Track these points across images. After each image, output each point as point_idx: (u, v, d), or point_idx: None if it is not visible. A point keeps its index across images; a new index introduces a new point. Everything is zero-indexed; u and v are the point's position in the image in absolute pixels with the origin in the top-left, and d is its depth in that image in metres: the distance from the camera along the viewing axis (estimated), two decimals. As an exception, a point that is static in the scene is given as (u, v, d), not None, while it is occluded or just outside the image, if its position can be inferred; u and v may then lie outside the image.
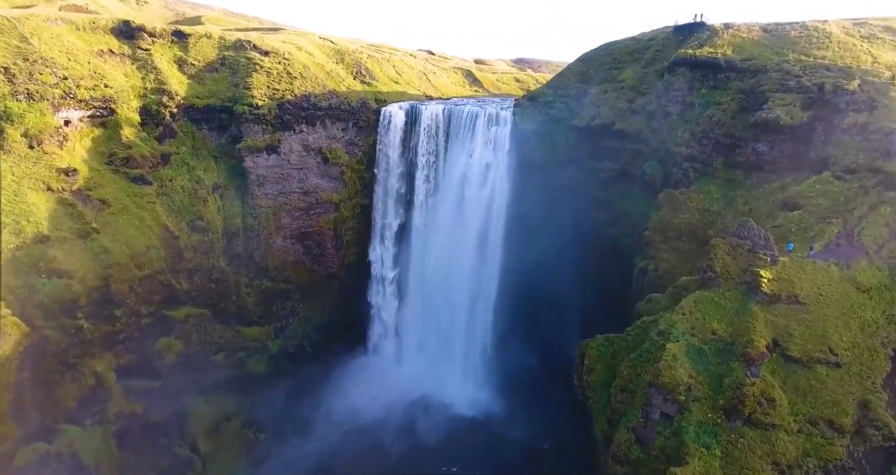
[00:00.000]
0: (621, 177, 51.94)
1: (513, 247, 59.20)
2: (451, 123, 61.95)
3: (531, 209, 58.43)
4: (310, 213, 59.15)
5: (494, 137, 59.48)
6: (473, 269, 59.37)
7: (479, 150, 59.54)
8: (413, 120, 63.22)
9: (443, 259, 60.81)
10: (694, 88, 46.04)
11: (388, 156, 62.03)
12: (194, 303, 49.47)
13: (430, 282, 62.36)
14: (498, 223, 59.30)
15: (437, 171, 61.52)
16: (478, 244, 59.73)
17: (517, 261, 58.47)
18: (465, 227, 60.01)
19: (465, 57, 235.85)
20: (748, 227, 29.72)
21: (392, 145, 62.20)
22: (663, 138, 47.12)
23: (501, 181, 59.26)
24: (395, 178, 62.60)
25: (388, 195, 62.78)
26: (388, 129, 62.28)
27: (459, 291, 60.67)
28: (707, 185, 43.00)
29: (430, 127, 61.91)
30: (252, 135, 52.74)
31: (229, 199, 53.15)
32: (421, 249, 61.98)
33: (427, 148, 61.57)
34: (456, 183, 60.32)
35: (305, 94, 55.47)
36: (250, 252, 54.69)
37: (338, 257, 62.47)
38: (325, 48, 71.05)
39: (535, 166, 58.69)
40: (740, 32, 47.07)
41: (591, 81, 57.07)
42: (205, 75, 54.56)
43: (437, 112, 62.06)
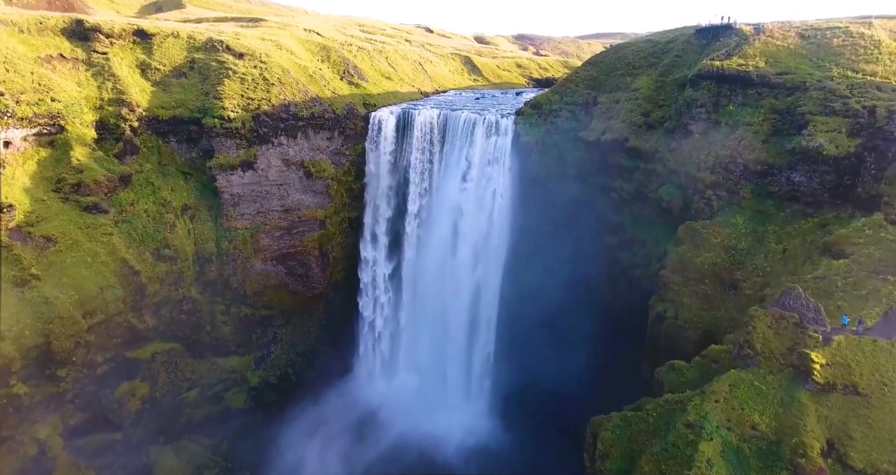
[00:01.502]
0: (635, 198, 46.92)
1: (514, 270, 54.53)
2: (448, 131, 56.44)
3: (534, 227, 53.57)
4: (292, 233, 54.15)
5: (494, 148, 54.16)
6: (472, 293, 54.76)
7: (478, 162, 54.29)
8: (405, 125, 57.77)
9: (439, 281, 56.23)
10: (720, 104, 40.73)
11: (377, 172, 56.74)
12: (162, 338, 44.91)
13: (425, 304, 57.89)
14: (499, 243, 54.46)
15: (432, 185, 56.25)
16: (477, 264, 55.06)
17: (519, 285, 53.85)
18: (463, 245, 55.27)
19: (466, 34, 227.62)
20: (793, 295, 24.97)
21: (381, 158, 56.82)
22: (683, 160, 41.99)
23: (502, 197, 54.18)
24: (384, 195, 57.46)
25: (378, 212, 57.75)
26: (377, 141, 56.86)
27: (458, 315, 56.24)
28: (733, 217, 38.08)
29: (424, 135, 56.47)
30: (224, 150, 47.37)
31: (201, 220, 48.06)
32: (414, 271, 57.28)
33: (420, 161, 56.27)
34: (452, 199, 55.23)
35: (284, 104, 49.85)
36: (226, 278, 49.91)
37: (324, 277, 57.73)
38: (309, 43, 65.05)
39: (538, 180, 53.62)
40: (774, 39, 41.51)
41: (601, 89, 51.55)
42: (171, 81, 48.84)
43: (432, 118, 56.52)
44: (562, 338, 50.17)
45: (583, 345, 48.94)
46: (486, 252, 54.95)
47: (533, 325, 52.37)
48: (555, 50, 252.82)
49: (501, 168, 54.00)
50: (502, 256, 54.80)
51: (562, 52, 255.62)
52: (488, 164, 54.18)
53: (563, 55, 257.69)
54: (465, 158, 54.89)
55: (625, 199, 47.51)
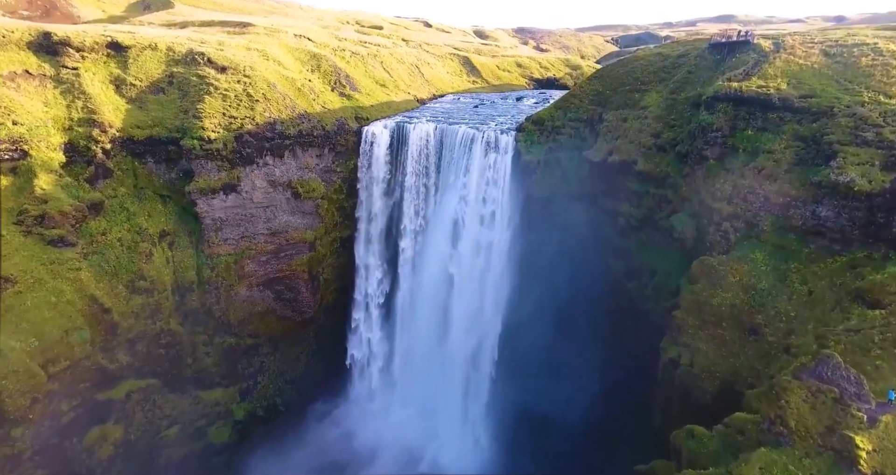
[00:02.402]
0: (643, 224, 43.99)
1: (515, 294, 51.67)
2: (444, 147, 53.41)
3: (535, 249, 50.67)
4: (279, 257, 51.14)
5: (493, 166, 51.18)
6: (471, 318, 51.86)
7: (476, 181, 51.29)
8: (399, 141, 54.68)
9: (436, 305, 53.34)
10: (737, 128, 37.73)
11: (370, 191, 53.70)
12: (138, 375, 41.96)
13: (421, 328, 55.04)
14: (498, 265, 51.58)
15: (428, 204, 53.32)
16: (475, 288, 52.14)
17: (520, 311, 51.03)
18: (461, 268, 52.36)
19: (465, 27, 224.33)
20: (832, 364, 22.15)
21: (374, 176, 53.74)
22: (697, 187, 39.03)
23: (502, 217, 51.25)
24: (378, 214, 54.43)
25: (372, 232, 54.74)
26: (369, 158, 53.76)
27: (456, 340, 53.37)
28: (752, 252, 35.17)
29: (420, 152, 53.43)
30: (205, 173, 44.21)
31: (180, 247, 45.00)
32: (409, 295, 54.37)
33: (415, 179, 53.22)
34: (449, 220, 52.27)
35: (269, 122, 46.66)
36: (208, 307, 46.89)
37: (314, 301, 54.77)
38: (298, 52, 61.74)
39: (540, 201, 50.65)
40: (796, 57, 38.45)
41: (607, 105, 48.46)
42: (148, 98, 45.60)
43: (428, 133, 53.41)
44: (565, 372, 47.40)
45: (588, 380, 46.18)
46: (485, 274, 52.16)
47: (534, 354, 49.58)
48: (555, 44, 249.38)
49: (501, 187, 51.03)
50: (503, 268, 51.91)
51: (562, 47, 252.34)
52: (487, 183, 51.21)
53: (563, 49, 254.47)
54: (463, 177, 51.96)
55: (632, 225, 44.57)
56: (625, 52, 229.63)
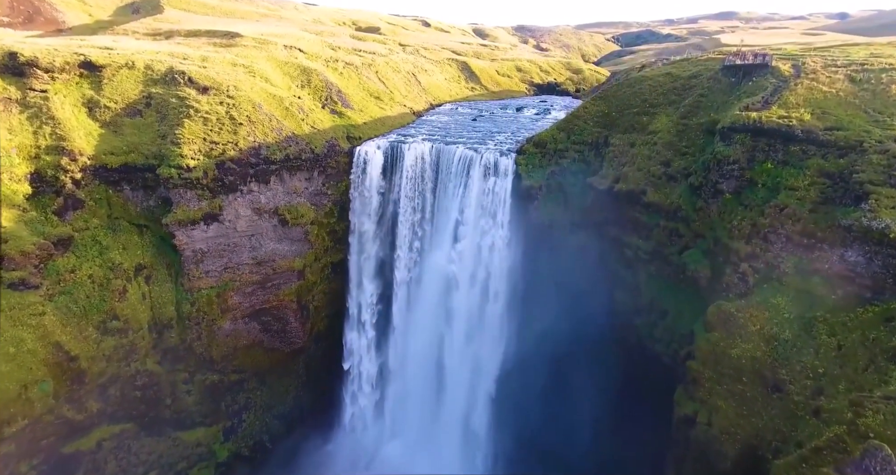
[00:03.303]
0: (653, 258, 41.23)
1: (515, 327, 48.94)
2: (441, 169, 50.65)
3: (537, 280, 48.00)
4: (266, 287, 48.24)
5: (492, 191, 48.42)
6: (468, 352, 49.10)
7: (474, 205, 48.57)
8: (393, 162, 51.86)
9: (433, 335, 50.55)
10: (755, 160, 35.01)
11: (363, 215, 50.88)
12: (111, 420, 39.12)
13: (417, 360, 52.20)
14: (497, 296, 48.82)
15: (424, 232, 50.55)
16: (473, 322, 49.39)
17: (520, 345, 48.32)
18: (457, 300, 49.61)
19: (464, 26, 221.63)
20: (881, 457, 19.47)
21: (367, 200, 50.91)
22: (712, 222, 36.33)
23: (501, 244, 48.46)
24: (371, 240, 51.60)
25: (364, 259, 51.95)
26: (361, 180, 50.90)
27: (453, 374, 50.61)
28: (774, 297, 32.46)
29: (414, 175, 50.62)
30: (184, 203, 41.28)
31: (158, 282, 42.11)
32: (405, 325, 51.50)
33: (410, 203, 50.41)
34: (446, 245, 49.58)
35: (254, 146, 43.74)
36: (189, 343, 44.01)
37: (304, 330, 51.92)
38: (288, 66, 58.78)
39: (542, 227, 47.88)
40: (819, 83, 35.74)
41: (613, 128, 45.71)
42: (124, 121, 42.63)
43: (423, 153, 50.60)
44: (569, 409, 44.65)
45: (593, 421, 43.47)
46: (483, 306, 49.42)
47: (536, 390, 46.89)
48: (555, 43, 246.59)
49: (500, 213, 48.30)
50: (502, 304, 49.24)
51: (563, 45, 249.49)
52: (485, 208, 48.49)
53: (564, 48, 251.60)
54: (460, 201, 49.22)
55: (641, 257, 41.83)
56: (626, 52, 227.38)
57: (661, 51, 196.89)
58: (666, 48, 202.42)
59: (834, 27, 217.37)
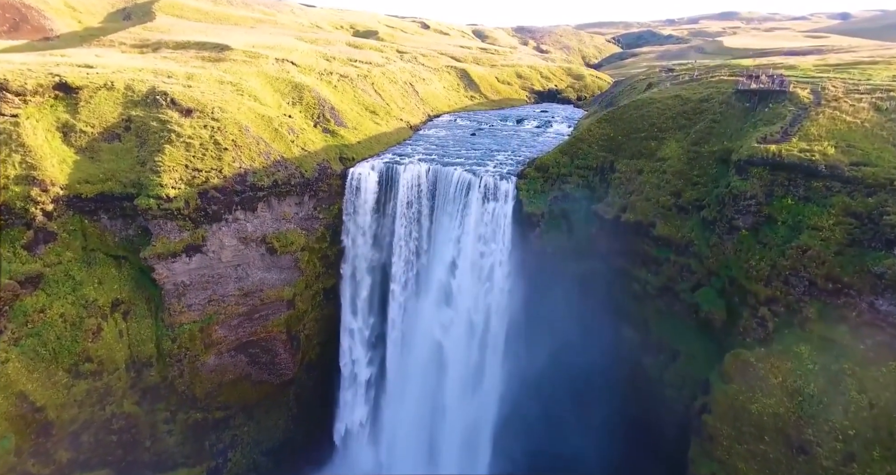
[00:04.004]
0: (662, 294, 38.91)
1: (514, 362, 46.50)
2: (438, 192, 48.31)
3: (539, 312, 45.54)
4: (253, 318, 45.74)
5: (492, 216, 46.06)
6: (465, 390, 46.63)
7: (473, 232, 46.18)
8: (388, 184, 49.44)
9: (430, 366, 48.12)
10: (774, 195, 32.66)
11: (356, 241, 48.47)
12: (84, 468, 36.57)
13: (413, 394, 49.68)
14: (497, 329, 46.44)
15: (420, 260, 48.14)
16: (472, 356, 46.91)
17: (520, 382, 45.88)
18: (455, 332, 47.15)
19: (464, 27, 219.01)
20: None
21: (361, 225, 48.49)
22: (727, 260, 33.95)
23: (501, 273, 46.19)
24: (365, 268, 49.18)
25: (358, 288, 49.49)
26: (355, 205, 48.49)
27: (451, 406, 48.16)
28: (796, 345, 30.11)
29: (410, 199, 48.24)
30: (163, 235, 38.79)
31: (137, 317, 39.63)
32: (401, 357, 48.98)
33: (406, 228, 47.99)
34: (444, 273, 47.16)
35: (239, 173, 41.25)
36: (170, 381, 41.48)
37: (294, 361, 49.36)
38: (279, 82, 56.30)
39: (544, 255, 45.48)
40: (842, 112, 33.41)
41: (619, 152, 43.36)
42: (101, 146, 40.14)
43: (420, 175, 48.31)
44: (573, 458, 42.26)
45: (599, 470, 41.06)
46: (483, 335, 47.02)
47: (538, 435, 44.44)
48: (556, 44, 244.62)
49: (500, 240, 45.92)
50: (501, 340, 46.92)
51: (563, 47, 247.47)
52: (484, 235, 46.11)
53: (564, 49, 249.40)
54: (458, 227, 46.84)
55: (649, 293, 39.49)
56: (627, 54, 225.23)
57: (662, 53, 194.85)
58: (667, 50, 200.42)
59: (836, 28, 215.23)
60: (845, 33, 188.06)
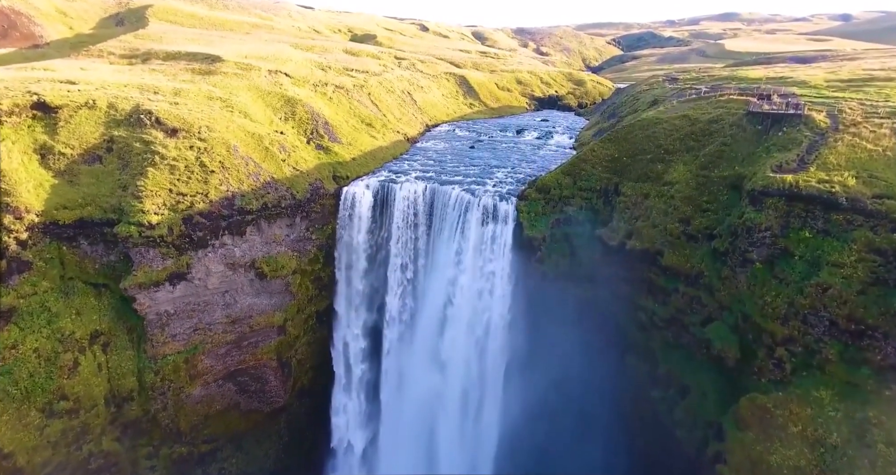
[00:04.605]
0: (670, 325, 37.05)
1: (514, 393, 44.60)
2: (435, 213, 46.48)
3: (540, 338, 43.66)
4: (242, 346, 43.78)
5: (491, 239, 44.19)
6: (464, 424, 44.70)
7: (472, 255, 44.29)
8: (384, 203, 47.55)
9: (427, 396, 46.18)
10: (790, 226, 30.82)
11: (350, 264, 46.59)
12: (60, 513, 34.60)
13: (409, 424, 47.79)
14: (497, 359, 44.50)
15: (417, 284, 46.21)
16: (469, 389, 44.94)
17: (520, 415, 43.99)
18: (452, 358, 45.27)
19: (463, 29, 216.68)
20: None
21: (355, 247, 46.58)
22: (740, 295, 32.09)
23: (501, 298, 44.31)
24: (359, 293, 47.25)
25: (352, 313, 47.55)
26: (349, 226, 46.61)
27: (449, 439, 46.22)
28: (816, 390, 28.23)
29: (406, 221, 46.38)
30: (145, 263, 36.83)
31: (117, 349, 37.64)
32: (397, 385, 47.03)
33: (402, 252, 46.11)
34: (441, 298, 45.28)
35: (227, 197, 39.30)
36: (152, 415, 39.47)
37: (285, 389, 47.40)
38: (271, 96, 54.39)
39: (546, 279, 43.63)
40: (862, 139, 31.60)
41: (624, 174, 41.49)
42: (81, 169, 38.19)
43: (416, 194, 46.50)
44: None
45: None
46: (482, 363, 45.11)
47: (539, 466, 42.55)
48: (556, 46, 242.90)
49: (500, 264, 44.05)
50: (501, 370, 45.01)
51: (563, 49, 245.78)
52: (484, 258, 44.24)
53: (564, 52, 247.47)
54: (456, 249, 44.96)
55: (656, 324, 37.62)
56: (628, 57, 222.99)
57: (663, 56, 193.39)
58: (668, 53, 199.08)
59: (838, 30, 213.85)
60: (847, 35, 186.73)
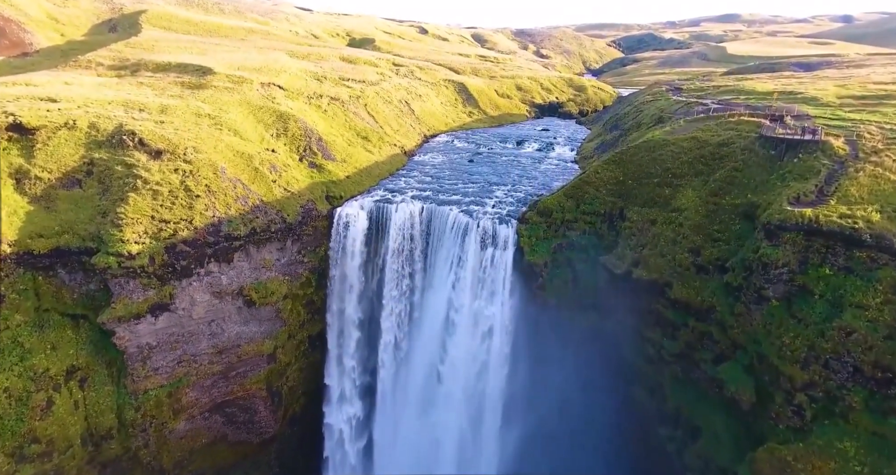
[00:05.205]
0: (680, 359, 35.19)
1: (514, 425, 42.73)
2: (432, 235, 44.73)
3: (542, 369, 41.81)
4: (229, 377, 41.77)
5: (490, 264, 42.31)
6: (462, 455, 42.74)
7: (471, 281, 42.43)
8: (379, 225, 45.67)
9: (422, 427, 44.26)
10: (809, 262, 28.97)
11: (343, 290, 44.66)
12: (34, 561, 32.56)
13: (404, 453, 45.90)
14: (495, 391, 42.59)
15: (413, 310, 44.35)
16: (467, 422, 43.02)
17: (521, 447, 42.14)
18: (453, 382, 43.36)
19: (463, 32, 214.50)
20: None
21: (349, 271, 44.69)
22: (755, 333, 30.21)
23: (501, 329, 42.41)
24: (352, 321, 45.31)
25: (345, 343, 45.62)
26: (342, 248, 44.67)
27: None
28: (840, 441, 26.31)
29: (403, 242, 44.53)
30: (125, 295, 34.84)
31: (95, 385, 35.62)
32: (392, 418, 45.07)
33: (397, 276, 44.24)
34: (438, 326, 43.41)
35: (213, 223, 37.33)
36: (134, 452, 37.44)
37: (275, 419, 45.38)
38: (262, 112, 52.41)
39: (548, 306, 41.83)
40: (885, 170, 29.76)
41: (629, 198, 39.64)
42: (58, 194, 36.24)
43: (413, 216, 44.74)
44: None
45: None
46: (481, 398, 43.16)
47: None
48: (556, 48, 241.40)
49: (499, 289, 42.18)
50: (501, 403, 43.08)
51: (563, 51, 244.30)
52: (482, 284, 42.38)
53: (565, 54, 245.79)
54: (454, 275, 43.10)
55: (665, 358, 35.73)
56: (629, 60, 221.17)
57: (664, 59, 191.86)
58: (669, 56, 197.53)
59: (839, 32, 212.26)
60: (849, 38, 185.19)
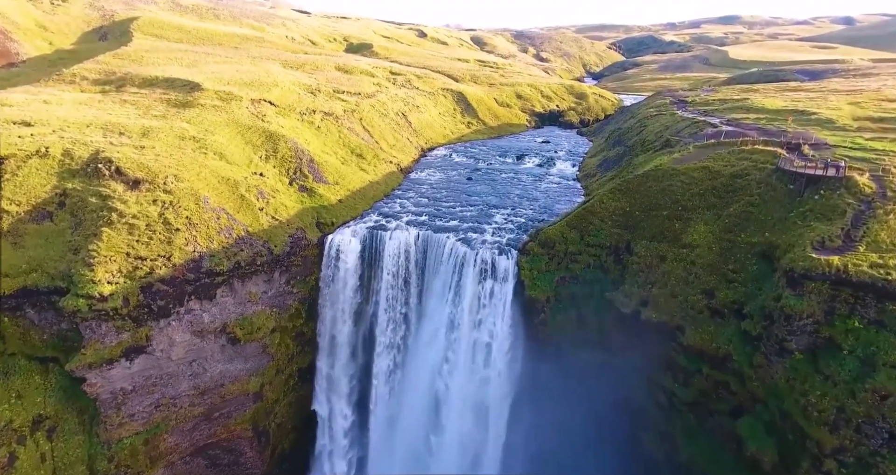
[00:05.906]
0: (693, 408, 32.88)
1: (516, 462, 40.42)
2: (428, 265, 42.43)
3: (543, 412, 39.50)
4: (212, 418, 39.31)
5: (489, 298, 40.03)
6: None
7: (468, 315, 40.14)
8: (372, 254, 43.37)
9: (418, 467, 41.92)
10: (835, 312, 26.68)
11: (335, 322, 42.32)
12: None
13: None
14: (496, 431, 40.25)
15: (407, 346, 42.00)
16: (468, 452, 40.71)
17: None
18: (449, 420, 41.00)
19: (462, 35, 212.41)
20: None
21: (340, 304, 42.36)
22: (777, 388, 27.91)
23: (500, 365, 40.11)
24: (344, 353, 42.98)
25: (335, 384, 43.25)
26: (333, 279, 42.35)
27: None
28: (871, 513, 24.18)
29: (397, 272, 42.26)
30: (96, 339, 32.37)
31: (65, 435, 33.14)
32: (388, 454, 42.72)
33: (391, 310, 41.93)
34: (435, 360, 41.11)
35: (193, 258, 34.86)
36: (108, 504, 35.11)
37: (262, 459, 42.96)
38: (251, 132, 50.03)
39: (550, 343, 39.55)
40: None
41: (637, 231, 37.33)
42: (27, 228, 33.80)
43: (408, 245, 42.48)
44: None
45: None
46: (480, 443, 40.79)
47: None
48: (556, 51, 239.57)
49: (498, 325, 39.84)
50: (500, 449, 40.70)
51: (564, 54, 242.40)
52: (480, 319, 40.07)
53: (565, 57, 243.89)
54: (451, 308, 40.78)
55: (677, 407, 33.42)
56: (629, 64, 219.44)
57: (665, 63, 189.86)
58: (670, 60, 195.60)
59: (841, 34, 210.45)
60: (851, 41, 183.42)
